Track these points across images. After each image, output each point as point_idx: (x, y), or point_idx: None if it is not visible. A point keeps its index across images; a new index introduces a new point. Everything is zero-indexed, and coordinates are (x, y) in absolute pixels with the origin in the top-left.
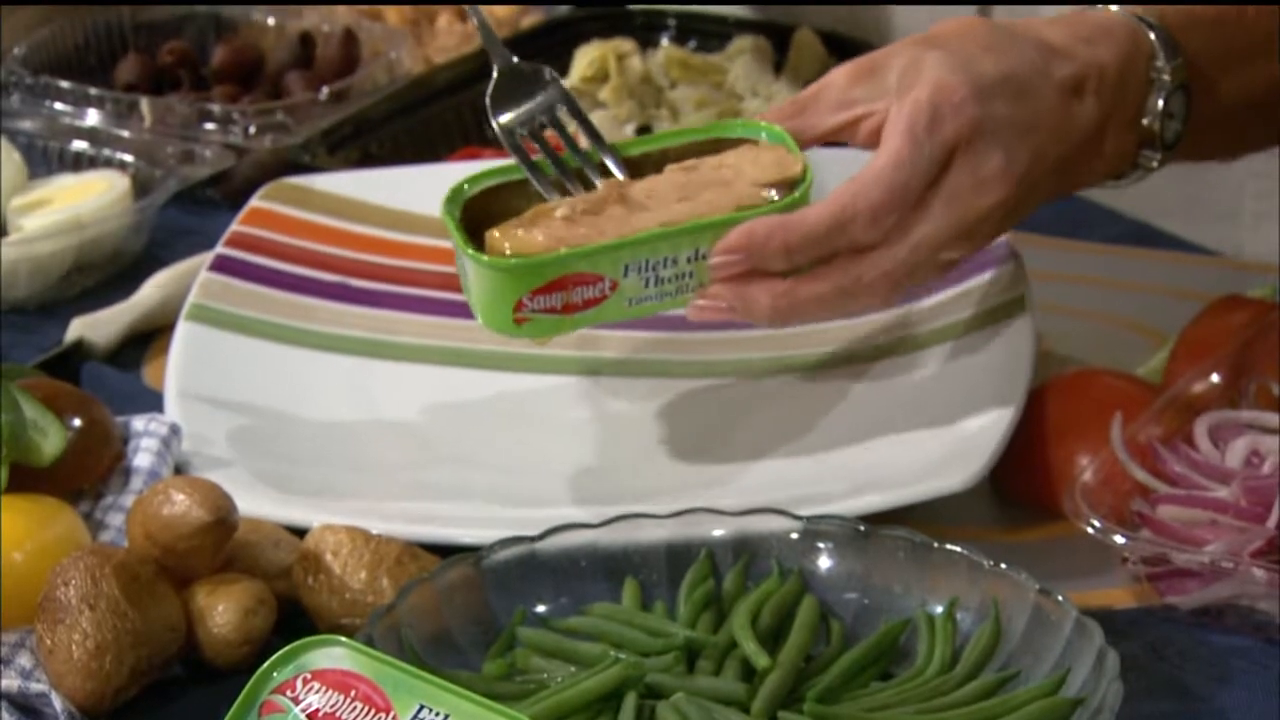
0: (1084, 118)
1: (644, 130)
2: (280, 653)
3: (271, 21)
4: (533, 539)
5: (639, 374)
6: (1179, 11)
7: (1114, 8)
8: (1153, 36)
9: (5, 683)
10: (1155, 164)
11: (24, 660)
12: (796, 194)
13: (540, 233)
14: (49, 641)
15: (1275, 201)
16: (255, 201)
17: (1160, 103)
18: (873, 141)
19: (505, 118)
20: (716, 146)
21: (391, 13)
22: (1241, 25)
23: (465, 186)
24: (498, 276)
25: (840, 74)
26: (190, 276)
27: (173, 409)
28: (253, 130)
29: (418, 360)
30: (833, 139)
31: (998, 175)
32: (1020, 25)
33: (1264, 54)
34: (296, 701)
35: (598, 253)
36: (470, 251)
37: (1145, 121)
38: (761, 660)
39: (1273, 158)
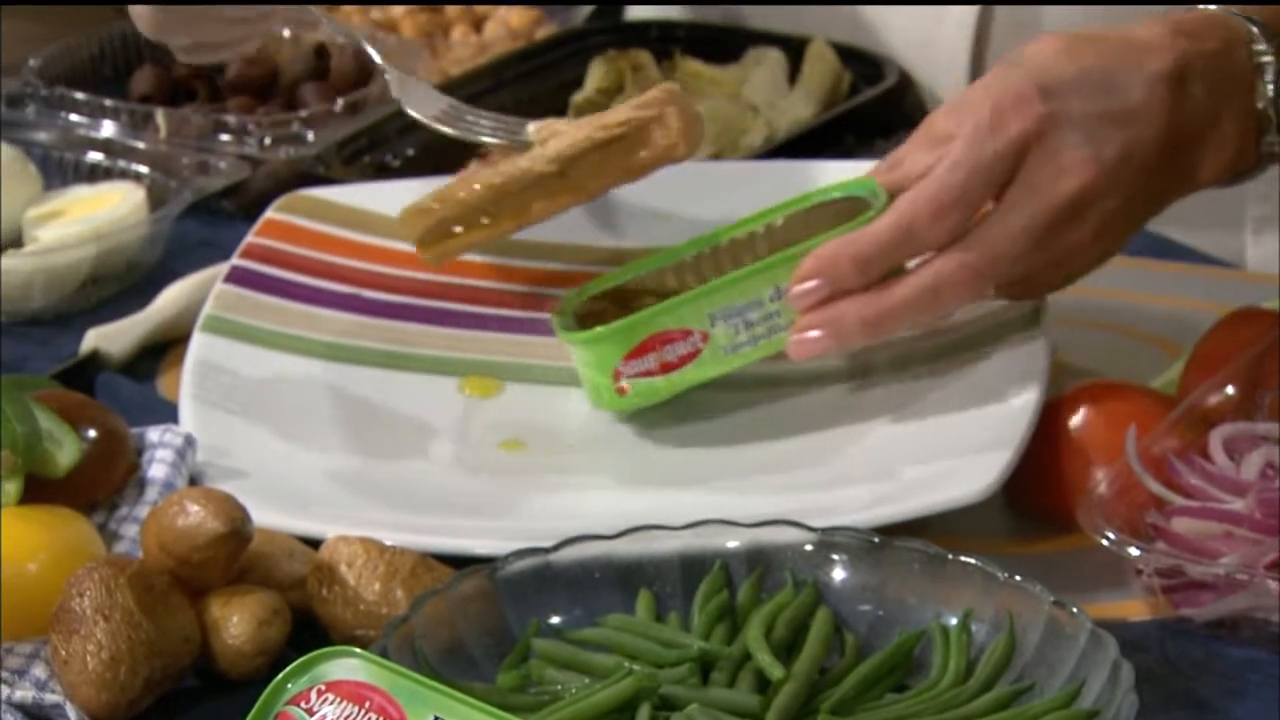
0: (1193, 107)
1: None
2: (295, 664)
3: (287, 33)
4: (547, 550)
5: None
6: (1266, 10)
7: (1201, 6)
8: (1247, 23)
9: (20, 694)
10: (1274, 149)
11: (39, 671)
12: (869, 214)
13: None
14: (63, 652)
15: (1276, 208)
16: (270, 213)
17: (1270, 87)
18: None
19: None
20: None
21: (406, 24)
22: None
23: (574, 295)
24: (587, 349)
25: (937, 114)
26: (205, 288)
27: (188, 420)
28: (268, 142)
29: (432, 372)
30: None
31: (1081, 162)
32: (1106, 29)
33: None
34: (311, 713)
35: (678, 305)
36: (563, 331)
37: (1260, 106)
38: (776, 672)
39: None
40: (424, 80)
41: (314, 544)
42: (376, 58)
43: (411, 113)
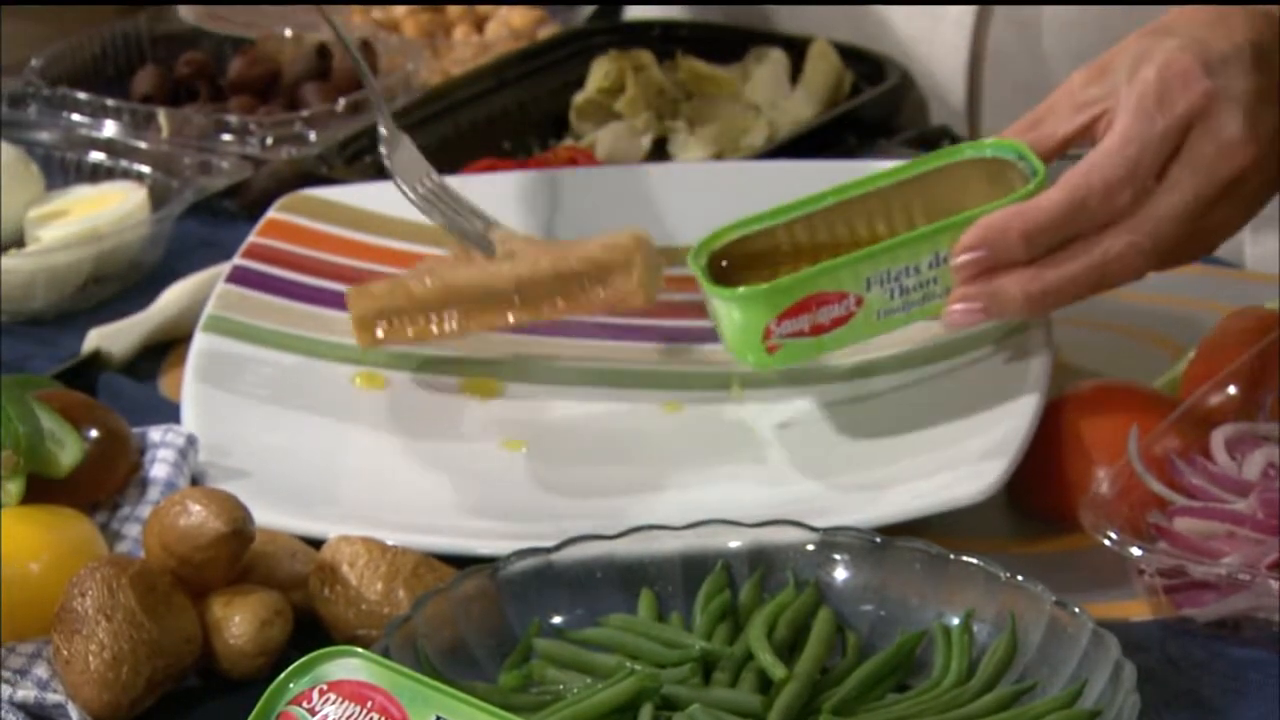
0: None
1: (660, 142)
2: (296, 664)
3: (289, 33)
4: (549, 550)
5: (655, 386)
6: None
7: None
8: None
9: (22, 693)
10: None
11: (40, 671)
12: (1030, 186)
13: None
14: (65, 652)
15: (1275, 207)
16: (273, 213)
17: None
18: None
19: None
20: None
21: (408, 24)
22: None
23: (711, 240)
24: (739, 306)
25: (1076, 78)
26: (207, 288)
27: (189, 420)
28: (270, 141)
29: (434, 372)
30: (1076, 142)
31: (1242, 140)
32: (1244, 6)
33: None
34: (313, 713)
35: (838, 268)
36: (712, 286)
37: None
38: (778, 672)
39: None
40: (412, 147)
41: (316, 544)
42: (383, 118)
43: (395, 180)
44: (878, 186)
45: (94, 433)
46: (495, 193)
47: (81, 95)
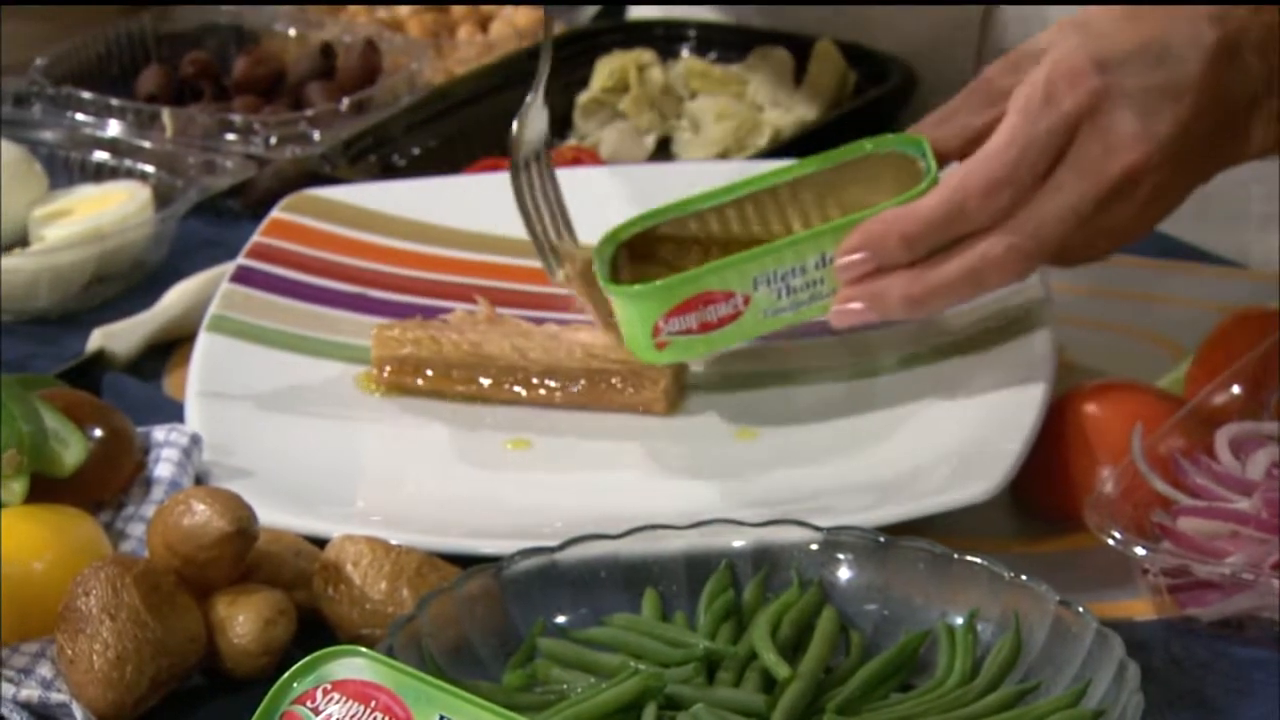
0: (1245, 77)
1: (664, 142)
2: (300, 663)
3: (293, 33)
4: (553, 550)
5: None
6: None
7: None
8: None
9: (26, 693)
10: None
11: (45, 670)
12: (921, 186)
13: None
14: (70, 651)
15: (1278, 205)
16: (276, 213)
17: None
18: None
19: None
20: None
21: (413, 24)
22: None
23: (620, 230)
24: (629, 303)
25: (991, 69)
26: (211, 287)
27: (193, 419)
28: (274, 141)
29: None
30: (985, 136)
31: (1132, 139)
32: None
33: None
34: (317, 712)
35: (724, 268)
36: (605, 281)
37: None
38: (782, 671)
39: (1276, 162)
40: (543, 122)
41: (320, 543)
42: (536, 85)
43: (512, 155)
44: (792, 177)
45: (98, 432)
46: (500, 192)
47: (86, 95)
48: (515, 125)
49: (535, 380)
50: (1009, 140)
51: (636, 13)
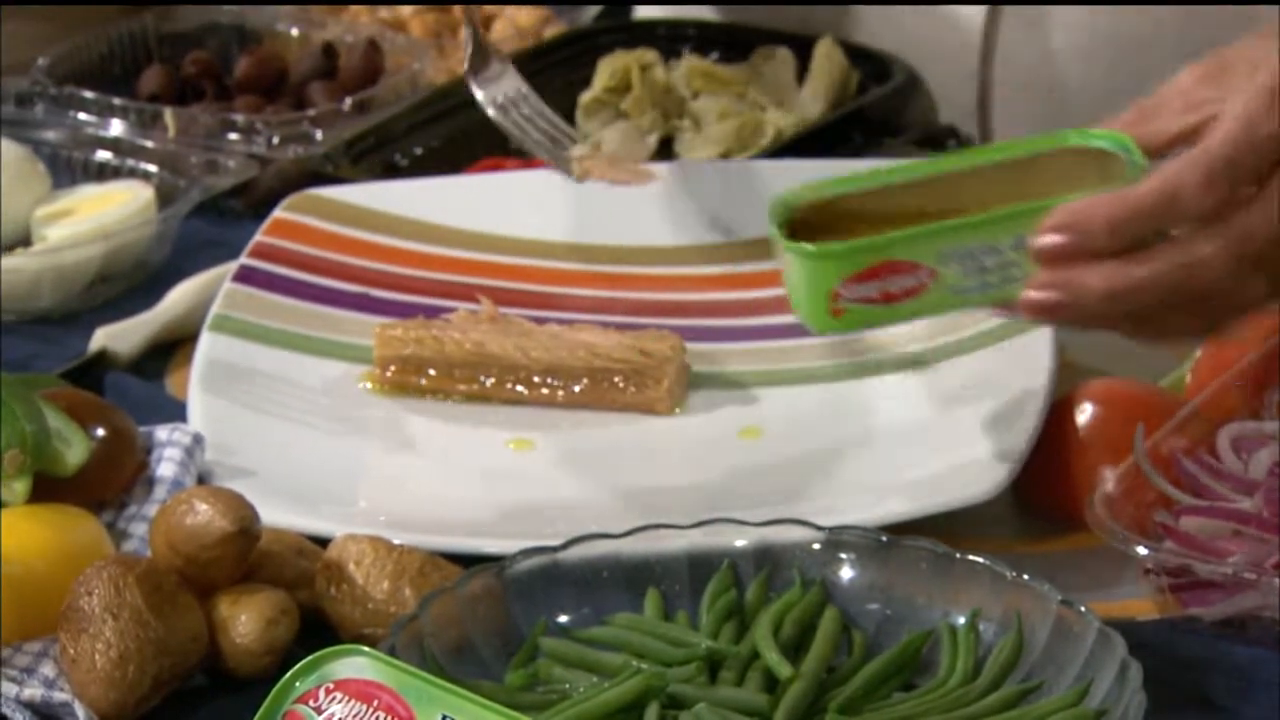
0: None
1: (666, 141)
2: (303, 663)
3: (295, 32)
4: (555, 549)
5: None
6: None
7: None
8: None
9: (28, 692)
10: None
11: (47, 670)
12: (1127, 176)
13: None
14: (72, 651)
15: None
16: (279, 213)
17: None
18: None
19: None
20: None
21: (415, 24)
22: None
23: (791, 198)
24: (809, 264)
25: (1186, 76)
26: (214, 287)
27: (196, 419)
28: (276, 141)
29: None
30: (1181, 142)
31: None
32: None
33: None
34: (319, 711)
35: (914, 238)
36: (785, 241)
37: None
38: (784, 671)
39: None
40: (505, 59)
41: (322, 543)
42: (468, 26)
43: (473, 88)
44: (974, 165)
45: (100, 432)
46: (501, 191)
47: (88, 94)
48: (467, 76)
49: (538, 380)
50: (1229, 140)
51: (643, 12)
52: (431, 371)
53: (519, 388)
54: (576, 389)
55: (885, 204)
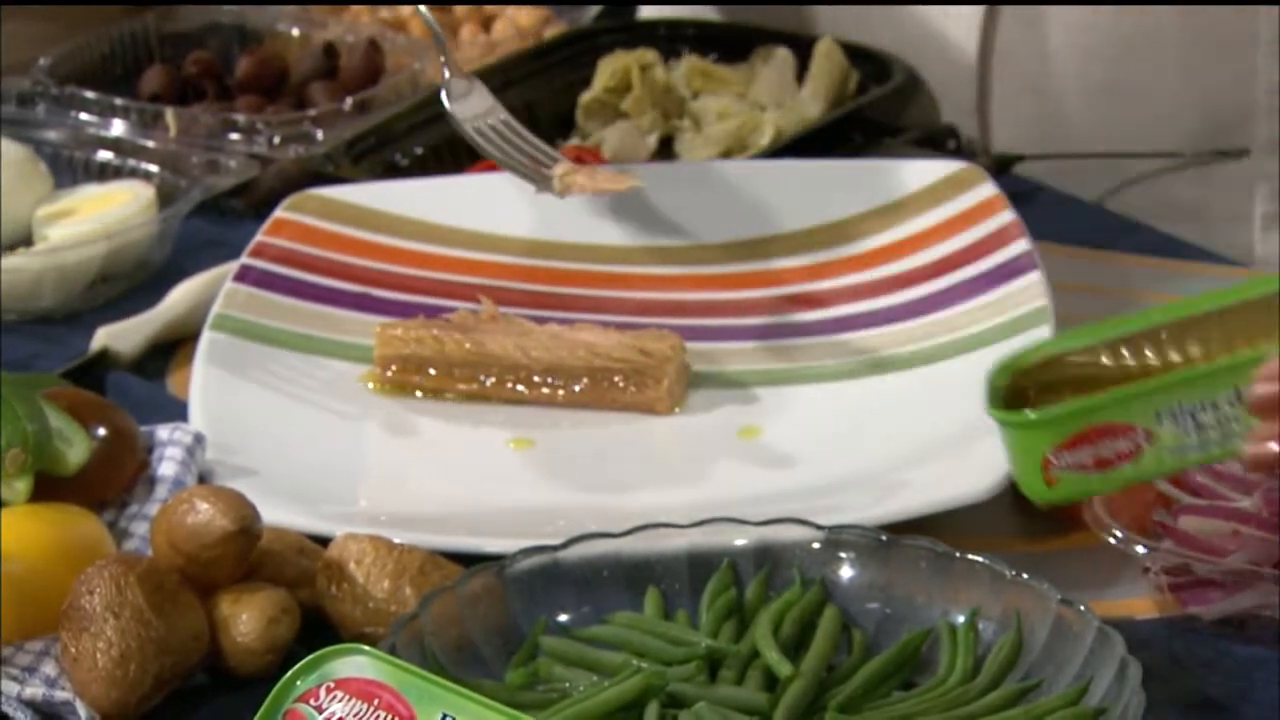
0: None
1: (666, 141)
2: (304, 661)
3: (296, 32)
4: (555, 548)
5: None
6: None
7: None
8: None
9: (29, 691)
10: None
11: (48, 668)
12: None
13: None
14: (73, 650)
15: None
16: (280, 212)
17: None
18: None
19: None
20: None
21: (415, 24)
22: None
23: (1016, 361)
24: (1018, 433)
25: None
26: (215, 286)
27: (197, 418)
28: (277, 140)
29: None
30: None
31: None
32: None
33: None
34: (320, 710)
35: (1126, 398)
36: (993, 409)
37: None
38: (784, 669)
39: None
40: (478, 82)
41: (323, 542)
42: (440, 41)
43: (449, 107)
44: (1202, 311)
45: (102, 431)
46: (502, 191)
47: (89, 94)
48: (445, 101)
49: (538, 379)
50: None
51: (646, 12)
52: (432, 371)
53: (519, 387)
54: (576, 389)
55: (1108, 359)
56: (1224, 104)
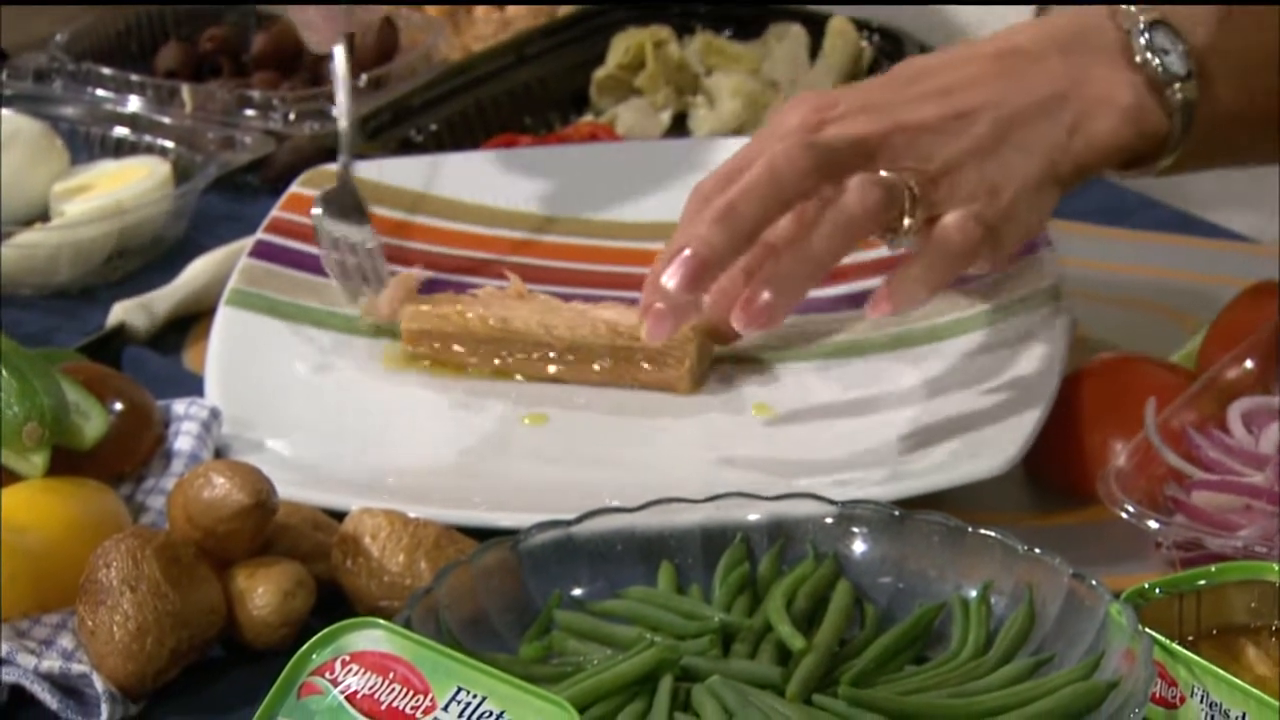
0: (1042, 70)
1: (680, 117)
2: (319, 635)
3: None
4: (569, 523)
5: None
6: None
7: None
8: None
9: (46, 664)
10: (1179, 96)
11: (65, 642)
12: None
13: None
14: (90, 623)
15: None
16: (295, 188)
17: (1143, 38)
18: None
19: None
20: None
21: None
22: (1242, 27)
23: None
24: None
25: None
26: (231, 262)
27: (213, 393)
28: (292, 117)
29: None
30: None
31: None
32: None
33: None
34: (335, 683)
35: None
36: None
37: (1138, 60)
38: (797, 643)
39: None
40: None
41: (339, 516)
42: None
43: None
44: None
45: (118, 405)
46: (515, 168)
47: (106, 71)
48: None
49: (559, 356)
50: None
51: None
52: (456, 347)
53: (542, 364)
54: (597, 367)
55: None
56: None
